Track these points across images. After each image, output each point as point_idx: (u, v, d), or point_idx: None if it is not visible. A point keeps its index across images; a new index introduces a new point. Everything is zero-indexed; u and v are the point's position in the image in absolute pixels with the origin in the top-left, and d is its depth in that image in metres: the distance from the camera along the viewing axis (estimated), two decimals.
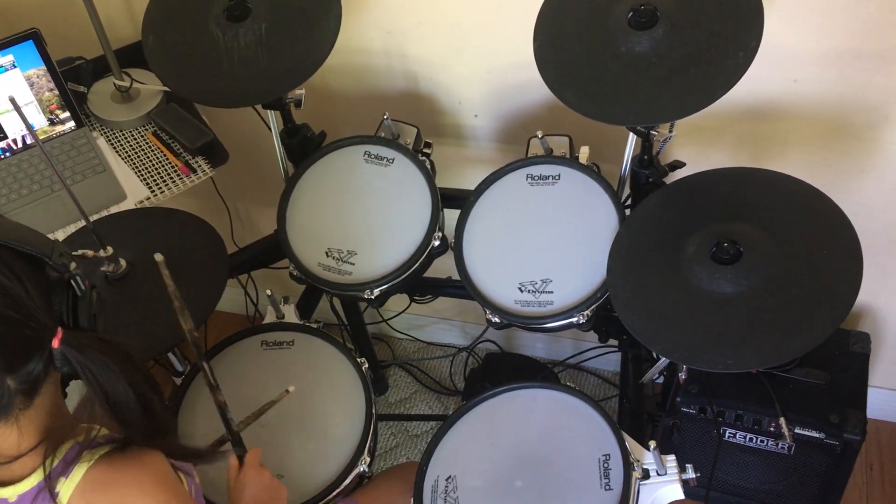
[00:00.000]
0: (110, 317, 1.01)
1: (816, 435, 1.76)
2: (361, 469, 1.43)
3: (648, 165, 1.52)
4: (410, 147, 1.66)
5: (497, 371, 2.32)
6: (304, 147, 1.73)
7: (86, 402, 0.95)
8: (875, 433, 2.18)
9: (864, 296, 1.94)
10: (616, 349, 2.21)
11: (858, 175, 1.71)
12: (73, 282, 0.94)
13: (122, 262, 1.44)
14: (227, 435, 1.24)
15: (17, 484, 0.94)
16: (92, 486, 0.94)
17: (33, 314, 0.90)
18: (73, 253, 1.38)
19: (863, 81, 1.57)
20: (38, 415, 0.95)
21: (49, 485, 0.93)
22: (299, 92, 1.64)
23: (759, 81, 1.55)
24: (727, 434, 1.85)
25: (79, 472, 0.94)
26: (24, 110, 1.73)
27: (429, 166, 1.65)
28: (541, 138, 1.59)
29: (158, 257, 1.11)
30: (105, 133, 1.86)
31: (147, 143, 1.83)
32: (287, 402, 1.50)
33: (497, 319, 1.50)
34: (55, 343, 0.90)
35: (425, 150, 1.69)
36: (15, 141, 1.77)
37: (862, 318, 2.00)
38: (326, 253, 1.59)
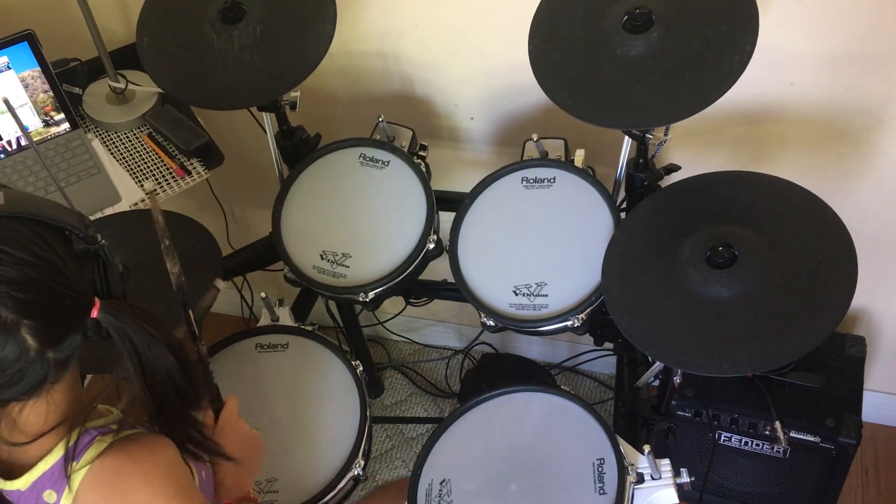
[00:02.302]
0: (132, 292, 1.01)
1: (812, 439, 1.76)
2: (356, 472, 1.43)
3: (644, 169, 1.52)
4: (406, 149, 1.66)
5: (493, 373, 2.31)
6: (300, 149, 1.73)
7: (108, 384, 0.95)
8: (870, 437, 2.17)
9: (860, 299, 1.95)
10: (612, 352, 2.21)
11: (854, 178, 1.71)
12: (100, 253, 0.94)
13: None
14: (207, 388, 1.17)
15: (29, 472, 0.94)
16: (101, 472, 0.93)
17: (73, 285, 0.90)
18: None
19: (858, 84, 1.57)
20: (65, 389, 0.95)
21: (65, 466, 0.93)
22: (294, 94, 1.64)
23: (754, 85, 1.55)
24: (722, 438, 1.85)
25: (89, 456, 0.93)
26: (18, 112, 1.73)
27: (424, 169, 1.64)
28: (536, 141, 1.59)
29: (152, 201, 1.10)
30: (100, 135, 1.85)
31: (142, 145, 1.83)
32: (281, 405, 1.50)
33: (492, 323, 1.50)
34: (94, 313, 0.91)
35: (421, 153, 1.69)
36: (10, 143, 1.77)
37: (858, 321, 2.00)
38: (321, 255, 1.59)
